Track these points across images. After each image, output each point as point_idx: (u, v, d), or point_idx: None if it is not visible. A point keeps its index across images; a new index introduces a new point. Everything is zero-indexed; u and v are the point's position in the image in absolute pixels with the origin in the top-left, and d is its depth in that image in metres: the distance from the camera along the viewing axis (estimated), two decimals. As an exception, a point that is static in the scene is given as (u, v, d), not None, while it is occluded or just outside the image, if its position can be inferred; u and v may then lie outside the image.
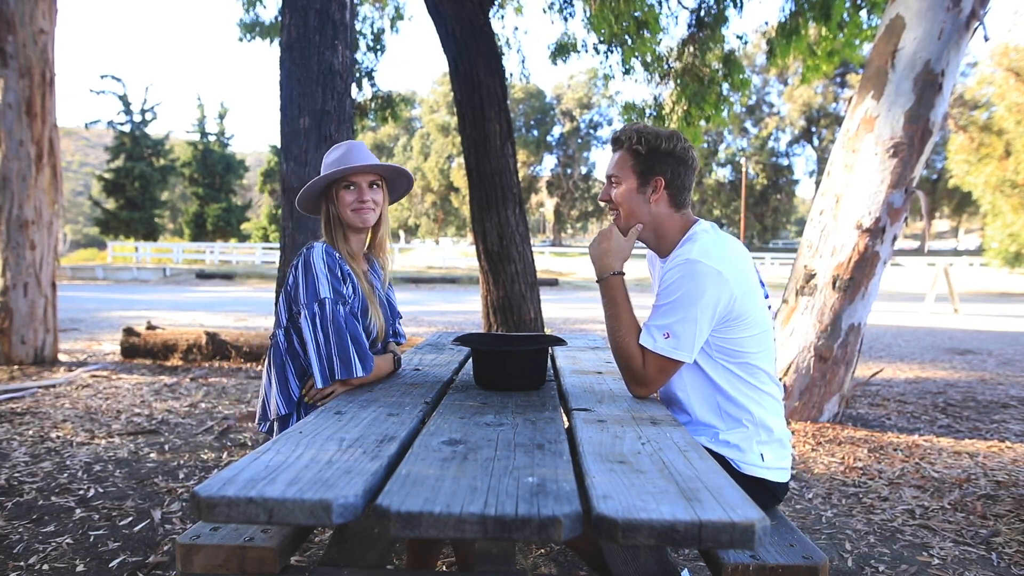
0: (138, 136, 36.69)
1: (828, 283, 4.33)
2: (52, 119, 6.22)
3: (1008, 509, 2.93)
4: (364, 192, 1.93)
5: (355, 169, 1.91)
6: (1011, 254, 26.35)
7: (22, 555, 2.35)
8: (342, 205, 1.92)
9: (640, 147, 1.72)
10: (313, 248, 1.84)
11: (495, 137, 5.87)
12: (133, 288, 20.16)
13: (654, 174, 1.73)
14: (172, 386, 5.38)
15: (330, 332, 1.74)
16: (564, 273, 28.71)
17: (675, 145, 1.73)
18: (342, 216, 1.93)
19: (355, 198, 1.92)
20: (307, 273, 1.79)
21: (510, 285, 5.87)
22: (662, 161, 1.73)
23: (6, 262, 5.95)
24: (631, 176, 1.75)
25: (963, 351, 8.61)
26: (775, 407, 1.72)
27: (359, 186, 1.93)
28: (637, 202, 1.76)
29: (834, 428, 4.32)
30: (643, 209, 1.76)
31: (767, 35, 7.77)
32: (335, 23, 3.76)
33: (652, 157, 1.73)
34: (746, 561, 1.29)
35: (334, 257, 1.84)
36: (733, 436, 1.67)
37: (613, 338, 1.72)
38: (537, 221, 66.16)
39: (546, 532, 0.89)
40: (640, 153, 1.73)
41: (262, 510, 0.93)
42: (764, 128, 47.29)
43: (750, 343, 1.66)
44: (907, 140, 4.20)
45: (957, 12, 4.12)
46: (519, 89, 45.22)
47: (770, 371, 1.71)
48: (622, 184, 1.76)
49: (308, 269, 1.80)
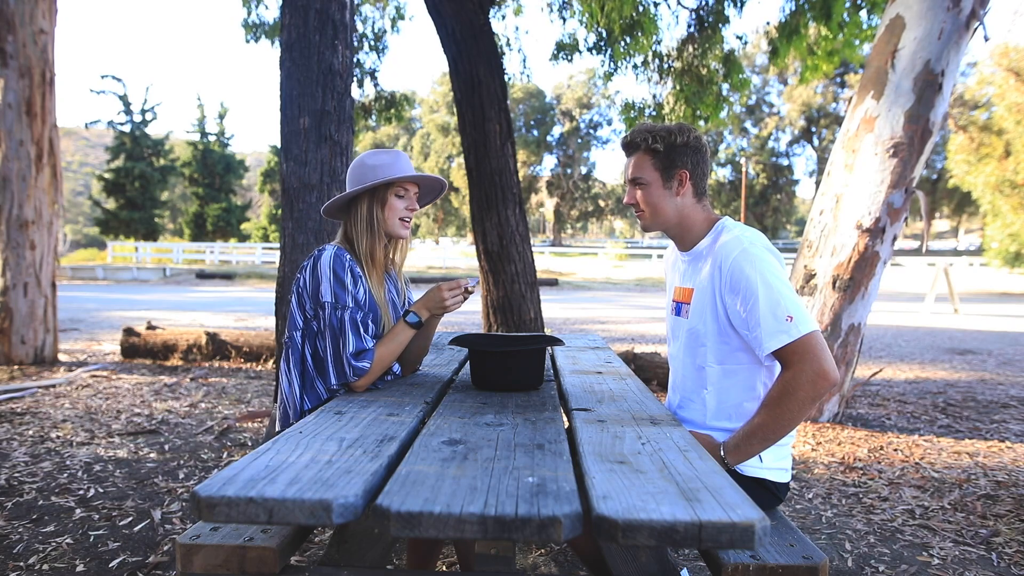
0: (138, 136, 36.67)
1: (828, 283, 4.33)
2: (52, 119, 6.22)
3: (1008, 509, 2.93)
4: (413, 202, 1.92)
5: (422, 177, 1.92)
6: (1011, 254, 26.33)
7: (22, 555, 2.35)
8: (390, 210, 1.88)
9: (658, 145, 1.74)
10: (324, 250, 1.81)
11: (495, 137, 5.87)
12: (133, 288, 20.15)
13: (676, 168, 1.76)
14: (172, 386, 5.38)
15: (327, 337, 1.74)
16: (564, 273, 28.70)
17: (688, 136, 1.75)
18: (387, 221, 1.89)
19: (406, 205, 1.90)
20: (313, 275, 1.78)
21: (510, 285, 5.87)
22: (681, 154, 1.75)
23: (6, 262, 5.95)
24: (654, 174, 1.77)
25: (963, 351, 8.61)
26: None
27: (409, 195, 1.92)
28: (663, 198, 1.77)
29: (834, 428, 4.32)
30: (670, 204, 1.77)
31: (767, 35, 7.77)
32: (335, 23, 3.76)
33: (671, 152, 1.75)
34: (746, 561, 1.29)
35: (343, 261, 1.80)
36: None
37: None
38: (537, 221, 66.17)
39: (546, 532, 0.89)
40: (659, 151, 1.75)
41: (262, 510, 0.93)
42: (764, 128, 47.27)
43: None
44: (907, 140, 4.20)
45: (957, 12, 4.12)
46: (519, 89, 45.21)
47: (772, 369, 1.71)
48: (648, 184, 1.77)
49: (315, 271, 1.79)
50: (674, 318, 1.86)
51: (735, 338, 1.68)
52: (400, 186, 1.89)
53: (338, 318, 1.75)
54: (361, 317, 1.78)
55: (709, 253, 1.73)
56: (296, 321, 1.82)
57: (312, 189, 3.60)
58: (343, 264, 1.79)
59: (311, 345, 1.81)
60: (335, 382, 1.75)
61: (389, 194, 1.88)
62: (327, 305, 1.75)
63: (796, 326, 1.55)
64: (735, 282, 1.62)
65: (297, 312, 1.81)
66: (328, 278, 1.77)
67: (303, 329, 1.81)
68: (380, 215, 1.88)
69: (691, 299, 1.77)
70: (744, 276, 1.60)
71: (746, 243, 1.64)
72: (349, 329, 1.75)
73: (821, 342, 1.56)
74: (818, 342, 1.55)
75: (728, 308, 1.66)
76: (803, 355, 1.54)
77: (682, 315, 1.81)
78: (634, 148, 1.80)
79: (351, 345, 1.74)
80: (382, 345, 1.79)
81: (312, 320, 1.79)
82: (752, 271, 1.60)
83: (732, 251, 1.64)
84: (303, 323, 1.81)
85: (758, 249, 1.63)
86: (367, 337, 1.78)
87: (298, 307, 1.81)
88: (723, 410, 1.72)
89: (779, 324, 1.55)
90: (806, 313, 1.58)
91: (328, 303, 1.75)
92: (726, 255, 1.64)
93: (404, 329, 1.83)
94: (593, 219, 55.01)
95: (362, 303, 1.81)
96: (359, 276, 1.83)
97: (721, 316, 1.68)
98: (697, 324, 1.74)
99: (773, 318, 1.56)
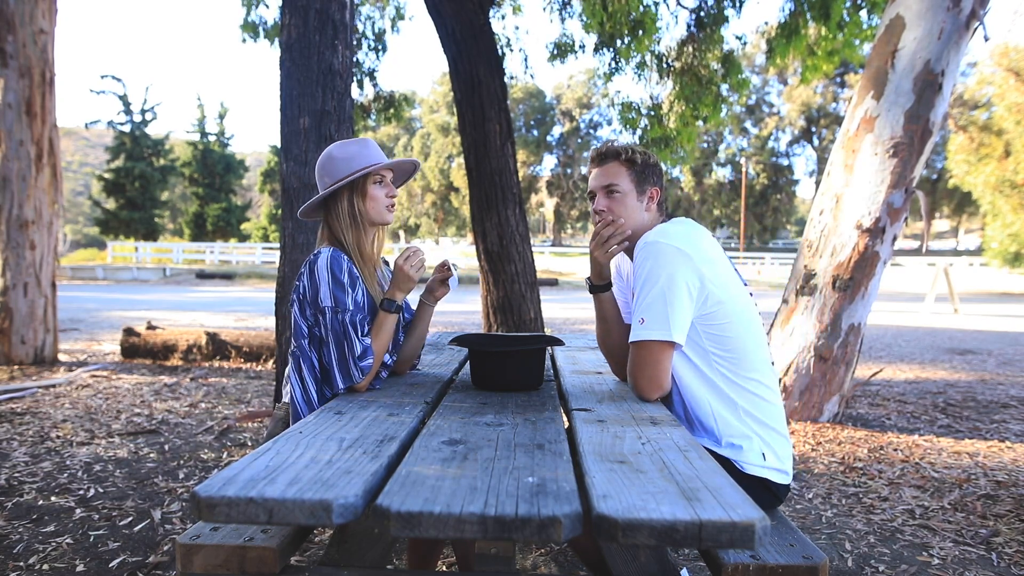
0: (138, 136, 36.68)
1: (828, 283, 4.33)
2: (52, 119, 6.23)
3: (1008, 509, 2.93)
4: (392, 187, 1.91)
5: (398, 163, 1.91)
6: (1011, 254, 26.34)
7: (22, 555, 2.35)
8: (371, 199, 1.86)
9: (636, 158, 1.81)
10: (320, 254, 1.79)
11: (495, 137, 5.87)
12: (133, 288, 20.15)
13: (649, 184, 1.83)
14: (172, 386, 5.38)
15: (330, 342, 1.73)
16: (564, 273, 28.70)
17: (656, 160, 1.85)
18: (370, 212, 1.87)
19: (386, 192, 1.89)
20: (312, 280, 1.76)
21: (510, 285, 5.87)
22: (653, 173, 1.84)
23: (6, 262, 5.95)
24: (630, 185, 1.81)
25: (963, 351, 8.61)
26: (775, 406, 1.72)
27: (387, 181, 1.90)
28: (636, 210, 1.82)
29: (834, 428, 4.32)
30: (639, 217, 1.82)
31: (766, 35, 7.77)
32: (335, 23, 3.76)
33: (645, 168, 1.82)
34: (746, 561, 1.29)
35: (341, 262, 1.78)
36: (735, 436, 1.67)
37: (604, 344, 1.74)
38: (537, 221, 66.15)
39: (546, 532, 0.89)
40: (636, 163, 1.81)
41: (262, 510, 0.93)
42: (764, 128, 47.28)
43: (743, 336, 1.66)
44: (907, 140, 4.20)
45: (957, 12, 4.12)
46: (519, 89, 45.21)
47: (766, 368, 1.71)
48: (624, 194, 1.80)
49: (313, 276, 1.77)
50: None
51: None
52: (377, 173, 1.87)
53: (340, 322, 1.73)
54: (360, 319, 1.77)
55: None
56: (302, 329, 1.79)
57: (312, 189, 3.60)
58: (340, 266, 1.77)
59: (317, 352, 1.79)
60: (341, 386, 1.73)
61: (368, 184, 1.86)
62: (328, 310, 1.73)
63: (645, 330, 1.61)
64: (636, 272, 1.68)
65: (300, 320, 1.79)
66: (327, 282, 1.74)
67: (308, 337, 1.78)
68: (362, 206, 1.86)
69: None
70: (637, 266, 1.67)
71: (655, 235, 1.67)
72: (352, 332, 1.73)
73: (648, 356, 1.62)
74: (644, 355, 1.62)
75: None
76: (634, 359, 1.65)
77: None
78: (610, 157, 1.83)
79: (357, 348, 1.73)
80: (375, 340, 1.78)
81: (314, 327, 1.77)
82: (641, 263, 1.64)
83: (641, 248, 1.67)
84: (308, 330, 1.78)
85: (658, 248, 1.63)
86: (364, 338, 1.77)
87: (300, 315, 1.79)
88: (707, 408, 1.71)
89: (635, 321, 1.64)
90: (665, 320, 1.59)
91: (328, 307, 1.73)
92: (637, 252, 1.69)
93: (386, 318, 1.81)
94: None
95: (360, 305, 1.79)
96: (357, 276, 1.81)
97: None
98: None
99: (636, 313, 1.64)
